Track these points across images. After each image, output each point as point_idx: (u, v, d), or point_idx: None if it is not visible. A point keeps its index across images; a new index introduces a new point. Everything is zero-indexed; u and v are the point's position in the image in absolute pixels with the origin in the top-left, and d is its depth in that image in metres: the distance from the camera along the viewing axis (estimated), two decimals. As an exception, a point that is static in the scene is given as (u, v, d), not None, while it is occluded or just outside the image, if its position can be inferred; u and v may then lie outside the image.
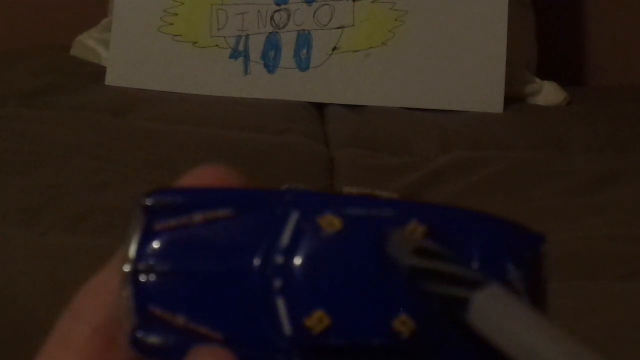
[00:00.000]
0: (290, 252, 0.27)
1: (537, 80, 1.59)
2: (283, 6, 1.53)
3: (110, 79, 1.51)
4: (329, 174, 1.27)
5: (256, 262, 0.27)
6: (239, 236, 0.28)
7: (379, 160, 1.30)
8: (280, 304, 0.27)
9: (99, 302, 0.28)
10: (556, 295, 0.96)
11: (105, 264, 0.29)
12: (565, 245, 1.02)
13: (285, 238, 0.27)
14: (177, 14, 1.53)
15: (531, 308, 0.24)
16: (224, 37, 1.53)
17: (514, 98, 1.53)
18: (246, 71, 1.52)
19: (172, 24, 1.53)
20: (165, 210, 0.28)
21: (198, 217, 0.28)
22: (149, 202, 0.28)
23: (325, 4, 1.53)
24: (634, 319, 0.86)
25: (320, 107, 1.51)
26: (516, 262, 0.29)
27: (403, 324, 0.27)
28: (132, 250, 0.27)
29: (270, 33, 1.53)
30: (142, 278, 0.27)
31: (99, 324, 0.28)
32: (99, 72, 1.52)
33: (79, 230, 1.01)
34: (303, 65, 1.52)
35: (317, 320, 0.26)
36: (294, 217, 0.28)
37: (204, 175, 0.28)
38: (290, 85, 1.51)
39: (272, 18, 1.53)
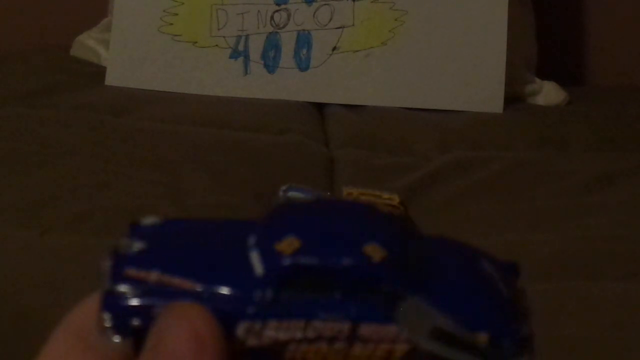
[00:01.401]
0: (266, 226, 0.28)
1: (537, 80, 1.59)
2: (283, 6, 1.53)
3: (110, 79, 1.51)
4: (329, 174, 1.27)
5: (233, 234, 0.28)
6: (219, 225, 0.29)
7: (379, 160, 1.30)
8: (254, 255, 0.27)
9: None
10: (556, 295, 0.96)
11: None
12: (565, 245, 1.02)
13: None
14: (177, 14, 1.53)
15: None
16: (224, 37, 1.53)
17: (514, 98, 1.53)
18: (246, 71, 1.52)
19: (172, 24, 1.53)
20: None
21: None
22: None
23: (325, 4, 1.53)
24: (634, 319, 0.86)
25: (320, 107, 1.51)
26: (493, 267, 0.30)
27: (374, 250, 0.27)
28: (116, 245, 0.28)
29: (270, 33, 1.53)
30: (121, 251, 0.28)
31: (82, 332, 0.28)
32: (99, 72, 1.52)
33: (78, 229, 1.01)
34: (303, 65, 1.52)
35: (288, 244, 0.27)
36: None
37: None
38: (290, 85, 1.51)
39: (272, 18, 1.53)
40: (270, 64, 1.52)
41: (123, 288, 0.27)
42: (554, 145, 1.38)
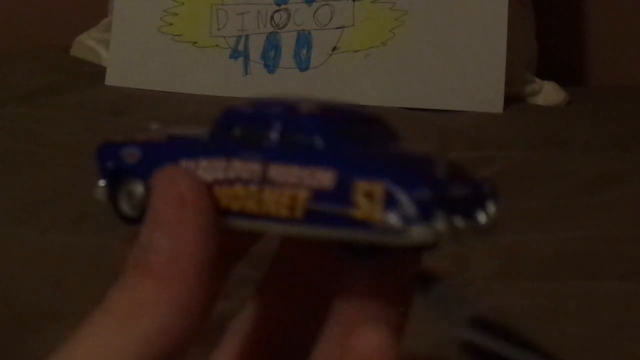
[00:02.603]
0: None
1: (537, 80, 1.59)
2: (283, 6, 1.53)
3: (110, 79, 1.51)
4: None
5: None
6: None
7: (379, 160, 1.30)
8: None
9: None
10: (556, 295, 0.96)
11: None
12: (565, 245, 1.02)
13: None
14: (177, 14, 1.53)
15: None
16: (224, 37, 1.53)
17: (514, 98, 1.53)
18: (246, 71, 1.52)
19: (172, 24, 1.53)
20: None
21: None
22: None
23: (325, 4, 1.53)
24: (634, 319, 0.86)
25: (320, 107, 1.50)
26: None
27: (306, 107, 0.30)
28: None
29: (270, 33, 1.53)
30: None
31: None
32: (99, 72, 1.52)
33: (79, 229, 1.01)
34: (303, 65, 1.52)
35: (310, 109, 0.30)
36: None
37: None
38: (290, 86, 1.51)
39: (272, 18, 1.53)
40: (270, 64, 1.52)
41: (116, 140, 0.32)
42: (554, 145, 1.37)
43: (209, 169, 0.29)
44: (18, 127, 1.30)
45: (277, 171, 0.28)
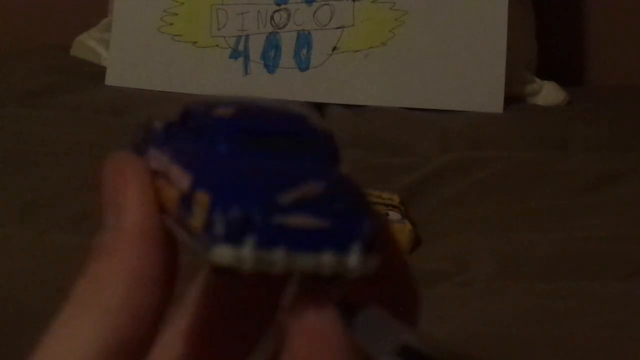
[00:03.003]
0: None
1: (537, 80, 1.59)
2: (283, 6, 1.53)
3: (110, 79, 1.51)
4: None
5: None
6: None
7: (379, 160, 1.30)
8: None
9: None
10: (556, 295, 0.95)
11: None
12: (565, 245, 1.02)
13: None
14: (177, 14, 1.53)
15: None
16: (224, 37, 1.53)
17: (514, 98, 1.53)
18: (246, 71, 1.52)
19: (172, 24, 1.53)
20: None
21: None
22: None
23: (325, 4, 1.53)
24: (634, 319, 0.86)
25: (320, 107, 1.51)
26: None
27: (224, 111, 0.30)
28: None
29: (270, 33, 1.53)
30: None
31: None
32: (99, 72, 1.52)
33: (78, 230, 1.01)
34: (303, 65, 1.52)
35: (224, 111, 0.30)
36: None
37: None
38: (290, 85, 1.51)
39: (272, 18, 1.53)
40: (270, 64, 1.52)
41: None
42: (554, 145, 1.37)
43: (153, 160, 0.30)
44: (18, 127, 1.30)
45: (173, 169, 0.28)
